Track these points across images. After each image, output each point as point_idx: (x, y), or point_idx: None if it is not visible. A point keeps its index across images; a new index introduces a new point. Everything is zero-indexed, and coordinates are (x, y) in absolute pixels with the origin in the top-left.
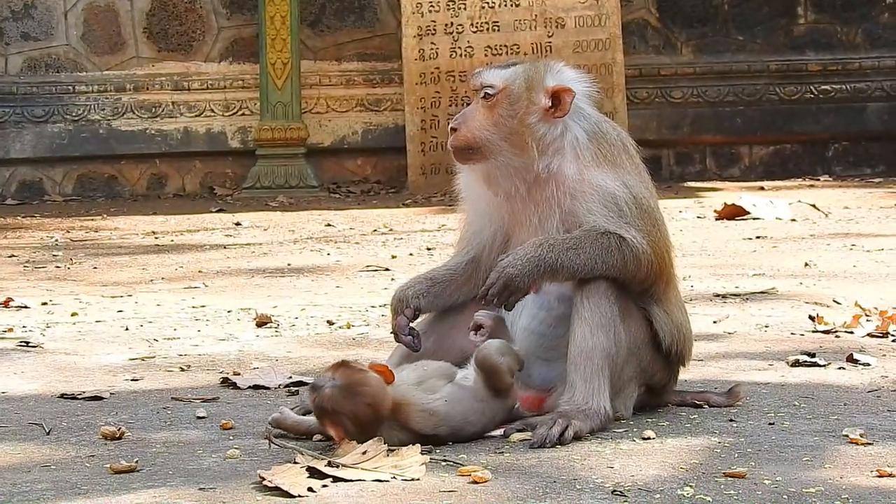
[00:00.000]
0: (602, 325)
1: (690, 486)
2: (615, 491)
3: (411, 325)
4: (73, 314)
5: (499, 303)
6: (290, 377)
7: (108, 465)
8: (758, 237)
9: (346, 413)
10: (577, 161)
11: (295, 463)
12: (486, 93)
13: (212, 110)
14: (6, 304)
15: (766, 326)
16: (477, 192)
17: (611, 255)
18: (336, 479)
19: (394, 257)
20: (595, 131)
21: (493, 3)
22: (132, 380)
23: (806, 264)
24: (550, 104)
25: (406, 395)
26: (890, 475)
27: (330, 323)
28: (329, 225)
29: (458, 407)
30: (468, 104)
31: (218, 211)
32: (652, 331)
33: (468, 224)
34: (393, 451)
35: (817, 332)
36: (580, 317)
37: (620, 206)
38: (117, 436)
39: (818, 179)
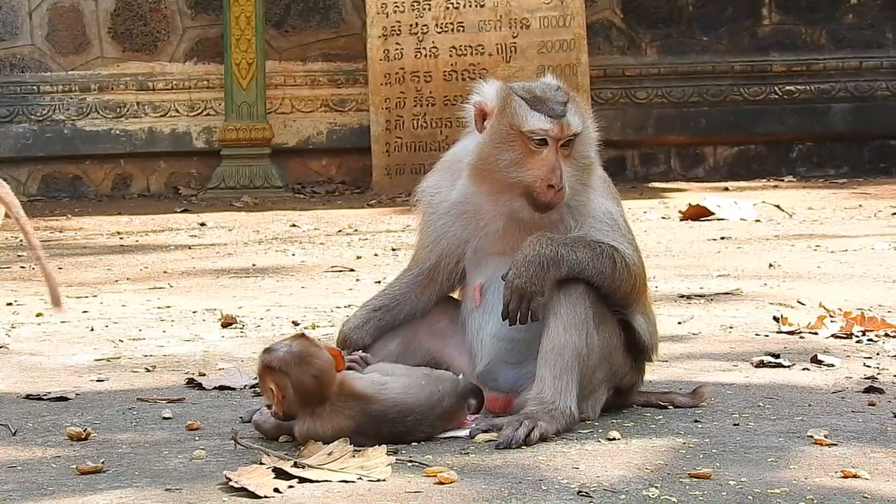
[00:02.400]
0: (576, 324)
1: (656, 487)
2: (581, 492)
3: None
4: (38, 315)
5: (523, 318)
6: (256, 378)
7: (74, 466)
8: (722, 238)
9: (292, 378)
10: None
11: (261, 464)
12: (570, 140)
13: (176, 110)
14: None
15: (731, 327)
16: (457, 204)
17: (602, 261)
18: (302, 480)
19: (359, 258)
20: None
21: (458, 3)
22: (98, 380)
23: (770, 265)
24: None
25: (348, 373)
26: (854, 476)
27: (295, 323)
28: (294, 225)
29: (398, 381)
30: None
31: (183, 211)
32: (625, 335)
33: (433, 228)
34: (359, 451)
35: (782, 332)
36: (555, 314)
37: (617, 221)
38: (83, 436)
39: (782, 180)
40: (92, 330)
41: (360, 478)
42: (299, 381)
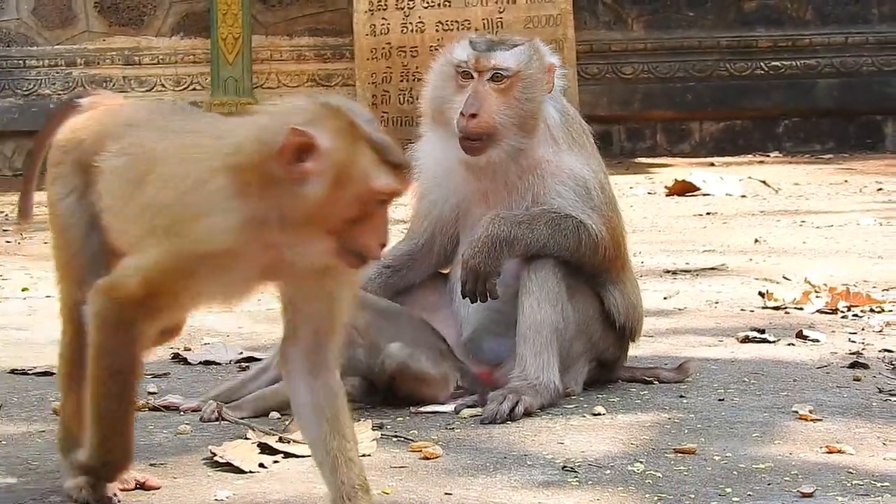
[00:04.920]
0: (549, 299)
1: (641, 462)
2: (566, 467)
3: None
4: (24, 289)
5: (482, 298)
6: (241, 353)
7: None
8: (708, 213)
9: None
10: (554, 143)
11: (246, 439)
12: (497, 74)
13: (163, 85)
14: None
15: (716, 302)
16: (439, 163)
17: (565, 238)
18: (287, 455)
19: None
20: (563, 110)
21: None
22: None
23: (756, 240)
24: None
25: None
26: (839, 451)
27: None
28: None
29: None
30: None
31: None
32: (602, 307)
33: (424, 196)
34: None
35: (767, 308)
36: (527, 291)
37: (590, 192)
38: None
39: (768, 156)
40: None
41: None
42: None
